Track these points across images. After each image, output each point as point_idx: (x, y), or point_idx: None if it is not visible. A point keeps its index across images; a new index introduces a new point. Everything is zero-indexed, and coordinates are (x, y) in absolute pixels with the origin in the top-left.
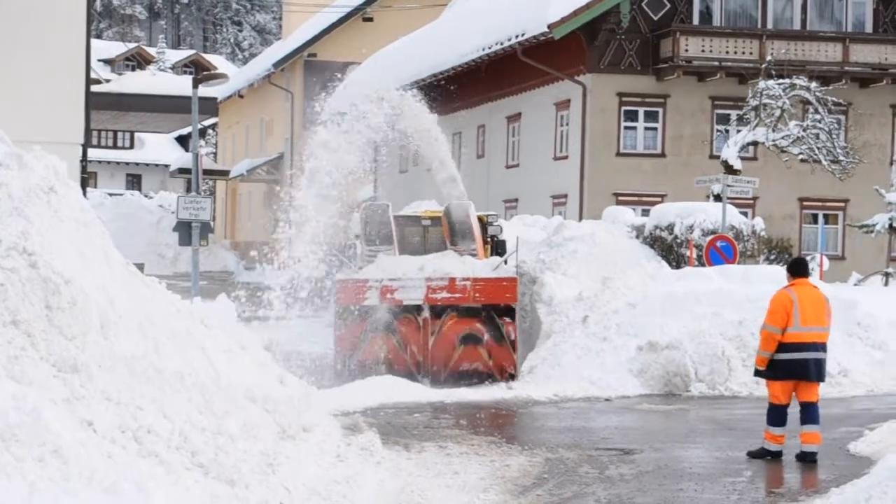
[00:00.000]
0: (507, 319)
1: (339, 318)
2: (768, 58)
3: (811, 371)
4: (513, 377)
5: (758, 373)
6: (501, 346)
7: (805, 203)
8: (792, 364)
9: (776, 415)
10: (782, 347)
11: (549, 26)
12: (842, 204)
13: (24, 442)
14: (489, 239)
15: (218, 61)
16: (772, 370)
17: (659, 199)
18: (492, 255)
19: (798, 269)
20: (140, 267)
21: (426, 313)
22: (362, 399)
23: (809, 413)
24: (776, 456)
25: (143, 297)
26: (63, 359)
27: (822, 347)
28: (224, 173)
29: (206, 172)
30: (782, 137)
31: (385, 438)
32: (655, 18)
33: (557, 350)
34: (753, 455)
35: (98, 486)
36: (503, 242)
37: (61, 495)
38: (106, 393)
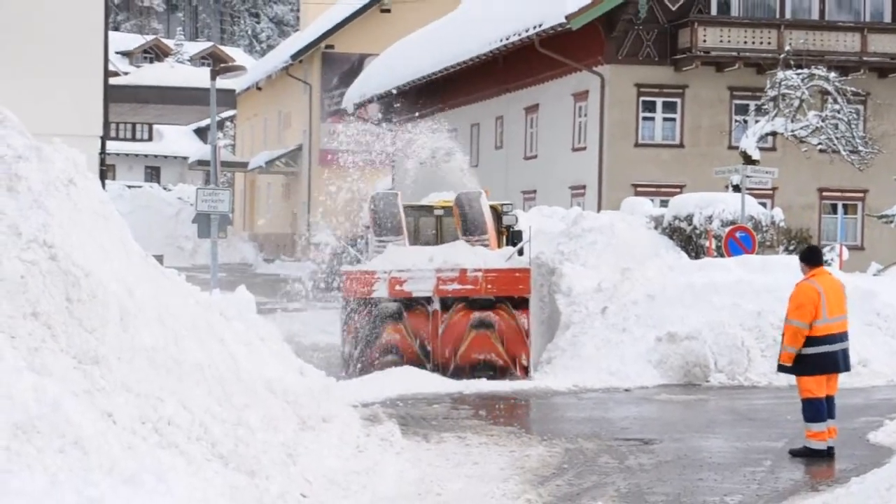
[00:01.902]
0: (521, 311)
1: (346, 311)
2: (787, 48)
3: (840, 363)
4: (526, 370)
5: (783, 368)
6: (515, 335)
7: (824, 193)
8: (823, 358)
9: (814, 410)
10: (811, 341)
11: (566, 17)
12: (861, 194)
13: (45, 433)
14: (504, 229)
15: (236, 53)
16: (800, 365)
17: (678, 189)
18: (508, 245)
19: (816, 258)
20: (159, 259)
21: (436, 305)
22: (381, 390)
23: (830, 407)
24: (823, 454)
25: (163, 289)
26: (83, 351)
27: (846, 337)
28: (242, 165)
29: (225, 164)
30: (801, 128)
31: (404, 429)
32: (673, 9)
33: (576, 341)
34: (796, 454)
35: (119, 477)
36: (519, 233)
37: (82, 486)
38: (126, 384)
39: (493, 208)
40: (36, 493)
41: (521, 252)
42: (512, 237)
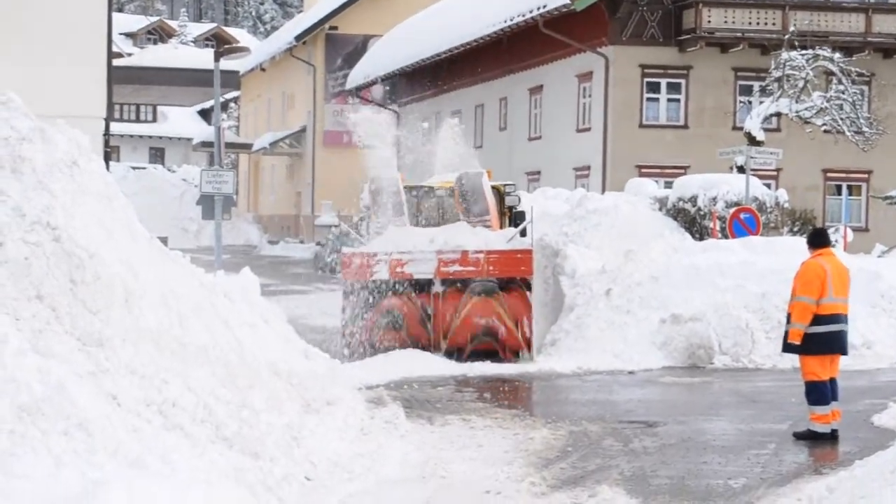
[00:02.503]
0: (523, 291)
1: (346, 293)
2: (791, 28)
3: (844, 343)
4: (529, 344)
5: (788, 348)
6: (518, 302)
7: (829, 174)
8: (829, 336)
9: (818, 393)
10: (817, 320)
11: None
12: (865, 175)
13: (50, 416)
14: (506, 210)
15: (239, 34)
16: (806, 344)
17: (682, 170)
18: (511, 226)
19: (823, 239)
20: (163, 240)
21: (437, 287)
22: (385, 373)
23: (833, 390)
24: (827, 437)
25: (167, 270)
26: (87, 333)
27: (847, 319)
28: (246, 146)
29: (229, 146)
30: (805, 108)
31: (409, 412)
32: None
33: (580, 323)
34: (800, 437)
35: (123, 459)
36: (522, 214)
37: (86, 468)
38: (130, 366)
39: (495, 189)
40: (40, 475)
41: (523, 233)
42: (515, 218)
